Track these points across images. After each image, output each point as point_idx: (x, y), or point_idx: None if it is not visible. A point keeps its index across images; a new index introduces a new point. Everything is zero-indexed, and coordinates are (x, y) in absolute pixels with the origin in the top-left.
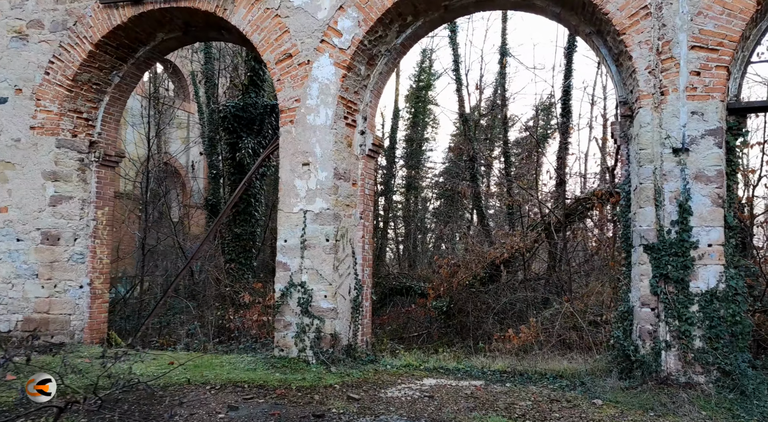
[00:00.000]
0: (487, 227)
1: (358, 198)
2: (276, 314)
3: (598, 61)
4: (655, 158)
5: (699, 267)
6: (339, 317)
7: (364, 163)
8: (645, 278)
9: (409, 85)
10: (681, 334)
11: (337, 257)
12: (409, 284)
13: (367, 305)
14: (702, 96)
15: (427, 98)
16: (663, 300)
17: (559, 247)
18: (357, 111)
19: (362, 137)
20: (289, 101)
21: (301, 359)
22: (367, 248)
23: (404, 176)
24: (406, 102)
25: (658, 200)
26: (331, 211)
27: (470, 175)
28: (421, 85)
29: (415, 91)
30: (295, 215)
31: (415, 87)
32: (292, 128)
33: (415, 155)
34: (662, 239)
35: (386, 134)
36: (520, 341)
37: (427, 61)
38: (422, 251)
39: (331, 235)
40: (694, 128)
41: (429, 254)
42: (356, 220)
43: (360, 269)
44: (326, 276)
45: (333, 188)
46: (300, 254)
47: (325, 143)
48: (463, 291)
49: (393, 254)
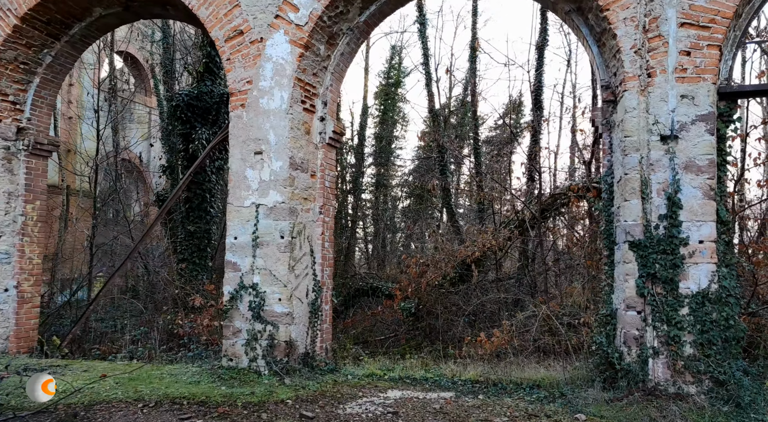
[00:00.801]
0: (456, 225)
1: (318, 191)
2: (224, 319)
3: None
4: (642, 147)
5: (689, 266)
6: (295, 322)
7: (324, 152)
8: (630, 278)
9: (378, 82)
10: (670, 340)
11: (293, 257)
12: (376, 284)
13: (327, 308)
14: (692, 78)
15: (397, 96)
16: (650, 302)
17: (533, 245)
18: (316, 95)
19: (322, 123)
20: (240, 83)
21: (251, 369)
22: (328, 246)
23: (373, 175)
24: (375, 99)
25: (644, 193)
26: (286, 205)
27: (440, 170)
28: (391, 82)
29: (385, 88)
30: (246, 210)
31: (384, 84)
32: (243, 112)
33: (385, 153)
34: (649, 235)
35: (355, 131)
36: (493, 346)
37: (397, 57)
38: (391, 250)
39: (287, 231)
40: (684, 113)
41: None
42: (315, 215)
43: (319, 270)
44: (281, 277)
45: (289, 179)
46: (251, 252)
47: (279, 129)
48: (432, 292)
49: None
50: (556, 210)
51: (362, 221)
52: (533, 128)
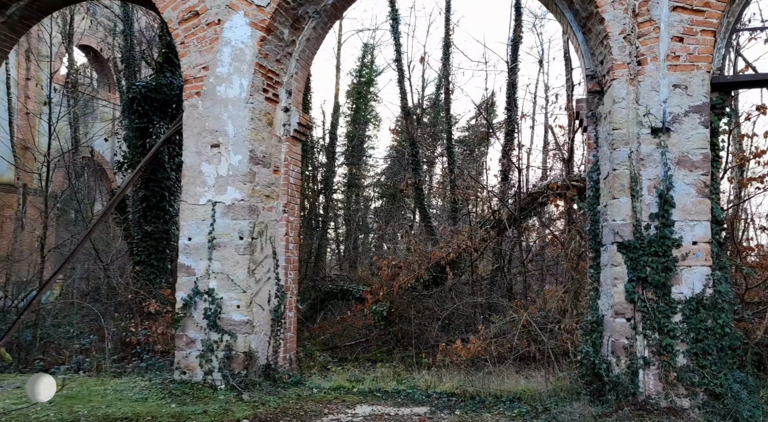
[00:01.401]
0: (430, 225)
1: (281, 188)
2: (177, 328)
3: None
4: (631, 140)
5: (683, 269)
6: (255, 331)
7: (288, 146)
8: (619, 282)
9: (350, 80)
10: (662, 349)
11: (253, 259)
12: (347, 287)
13: (291, 315)
14: (685, 66)
15: (369, 95)
16: (641, 309)
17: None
18: (279, 84)
19: (286, 114)
20: (195, 69)
21: (206, 384)
22: (293, 248)
23: (345, 174)
24: (347, 98)
25: (634, 190)
26: (246, 202)
27: (412, 167)
28: (363, 80)
29: (357, 87)
30: (201, 208)
31: (356, 82)
32: (199, 101)
33: (357, 153)
34: (639, 235)
35: (327, 130)
36: (469, 353)
37: (369, 55)
38: (364, 251)
39: (246, 232)
40: (677, 103)
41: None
42: (279, 214)
43: (283, 273)
44: (239, 282)
45: (249, 174)
46: (207, 255)
47: (239, 119)
48: (404, 295)
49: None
50: (534, 210)
51: (334, 221)
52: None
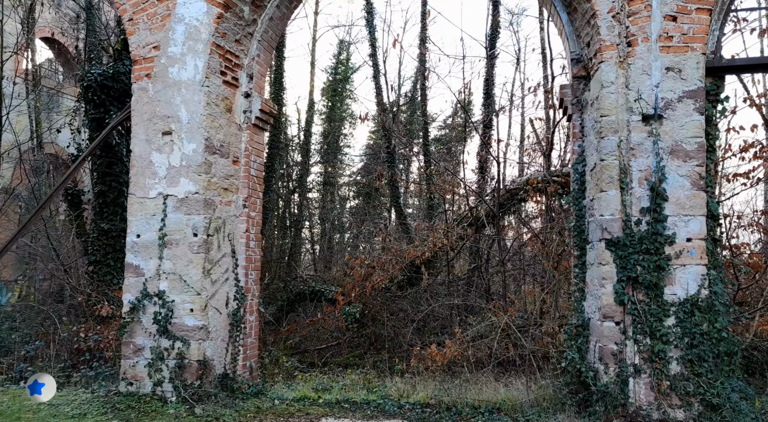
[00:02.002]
0: (405, 223)
1: (242, 180)
2: (124, 335)
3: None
4: (621, 128)
5: (676, 268)
6: (211, 337)
7: (249, 135)
8: (607, 282)
9: (325, 78)
10: (654, 355)
11: (209, 258)
12: (319, 288)
13: (252, 319)
14: (679, 47)
15: (345, 92)
16: (631, 312)
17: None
18: (239, 66)
19: (247, 100)
20: (145, 49)
21: (156, 396)
22: (254, 246)
23: (320, 173)
24: (322, 96)
25: (623, 182)
26: (201, 196)
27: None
28: (338, 77)
29: (332, 84)
30: (151, 202)
31: (331, 80)
32: (149, 84)
33: (332, 151)
34: (629, 231)
35: (301, 128)
36: (445, 358)
37: (345, 53)
38: (339, 251)
39: (201, 228)
40: (670, 88)
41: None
42: (238, 209)
43: (243, 274)
44: (193, 283)
45: (204, 165)
46: (158, 253)
47: (193, 104)
48: (378, 296)
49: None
50: (513, 206)
51: (309, 220)
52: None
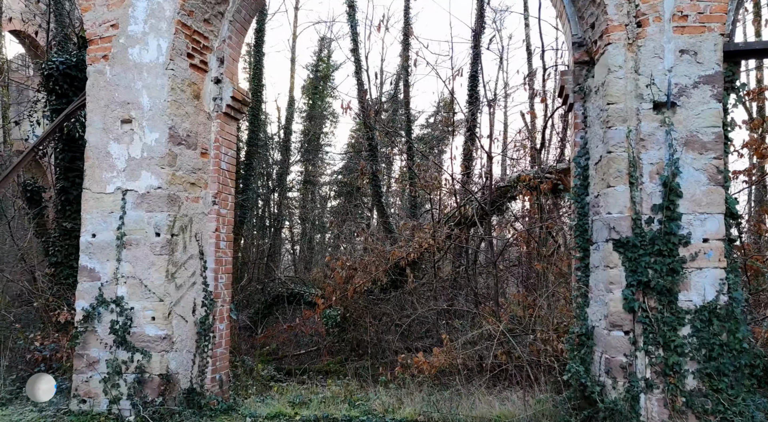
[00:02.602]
0: (388, 223)
1: (211, 174)
2: (77, 346)
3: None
4: (629, 117)
5: (692, 272)
6: (175, 348)
7: (219, 124)
8: (615, 287)
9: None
10: (668, 369)
11: (173, 261)
12: (298, 290)
13: (222, 328)
14: (695, 28)
15: (326, 90)
16: (642, 320)
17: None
18: (209, 49)
19: (217, 87)
20: (102, 27)
21: (111, 415)
22: (225, 247)
23: (301, 172)
24: (302, 93)
25: (633, 176)
26: (164, 191)
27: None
28: (319, 75)
29: (313, 82)
30: (108, 197)
31: (312, 77)
32: (106, 66)
33: (313, 150)
34: (640, 231)
35: (281, 126)
36: (433, 369)
37: (326, 50)
38: (320, 251)
39: (165, 227)
40: (684, 72)
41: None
42: (207, 206)
43: (212, 277)
44: (155, 288)
45: (168, 156)
46: (116, 255)
47: (156, 89)
48: (360, 299)
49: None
50: (502, 205)
51: (288, 220)
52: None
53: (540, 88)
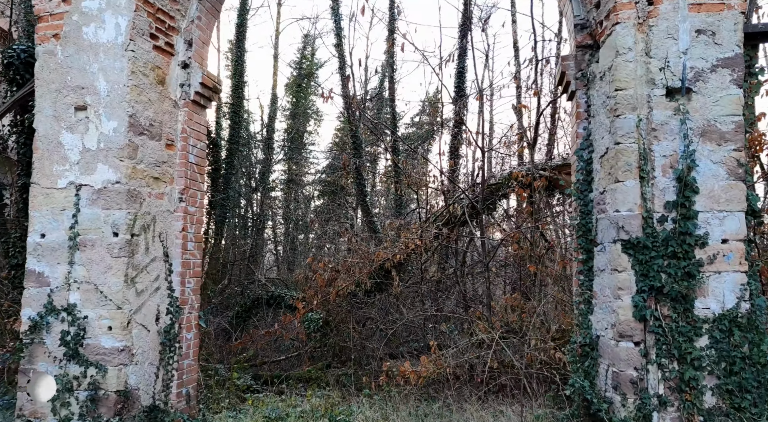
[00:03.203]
0: (372, 222)
1: (177, 168)
2: (22, 360)
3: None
4: (640, 104)
5: (709, 276)
6: (135, 361)
7: (187, 113)
8: (625, 293)
9: (290, 73)
10: (683, 384)
11: (133, 263)
12: (279, 293)
13: (190, 337)
14: (713, 5)
15: (310, 88)
16: (654, 330)
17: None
18: (175, 30)
19: (185, 72)
20: (53, 2)
21: None
22: (194, 248)
23: (284, 171)
24: (286, 91)
25: (644, 170)
26: (123, 186)
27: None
28: (303, 72)
29: (296, 79)
30: (60, 193)
31: (296, 75)
32: (57, 47)
33: (296, 148)
34: (651, 231)
35: (264, 124)
36: (420, 379)
37: (310, 47)
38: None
39: (124, 226)
40: (701, 55)
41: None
42: (173, 203)
43: (178, 282)
44: (113, 295)
45: (128, 147)
46: (68, 257)
47: (114, 73)
48: (343, 303)
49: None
50: (493, 204)
51: (271, 220)
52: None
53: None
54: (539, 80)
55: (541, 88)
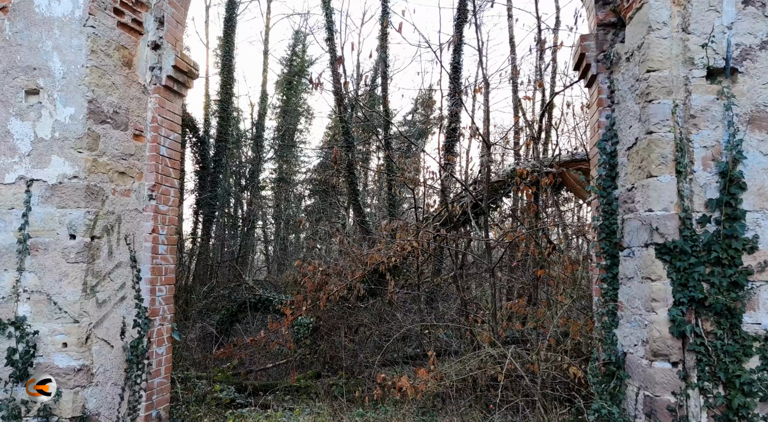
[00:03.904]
0: (365, 222)
1: (147, 162)
2: None
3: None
4: (676, 88)
5: (760, 286)
6: (96, 381)
7: (158, 100)
8: (659, 305)
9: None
10: (732, 413)
11: (94, 270)
12: (267, 296)
13: (162, 351)
14: None
15: (301, 86)
16: (696, 348)
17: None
18: (144, 5)
19: (155, 53)
20: None
21: None
22: (166, 252)
23: (275, 170)
24: (276, 89)
25: (681, 164)
26: (82, 181)
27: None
28: (294, 70)
29: (287, 77)
30: (8, 189)
31: (287, 72)
32: (5, 21)
33: (287, 147)
34: (691, 234)
35: (254, 121)
36: (417, 393)
37: (301, 44)
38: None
39: (82, 227)
40: (748, 30)
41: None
42: (142, 201)
43: (148, 290)
44: (68, 306)
45: (88, 137)
46: (16, 263)
47: (71, 52)
48: (334, 308)
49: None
50: (495, 203)
51: (262, 220)
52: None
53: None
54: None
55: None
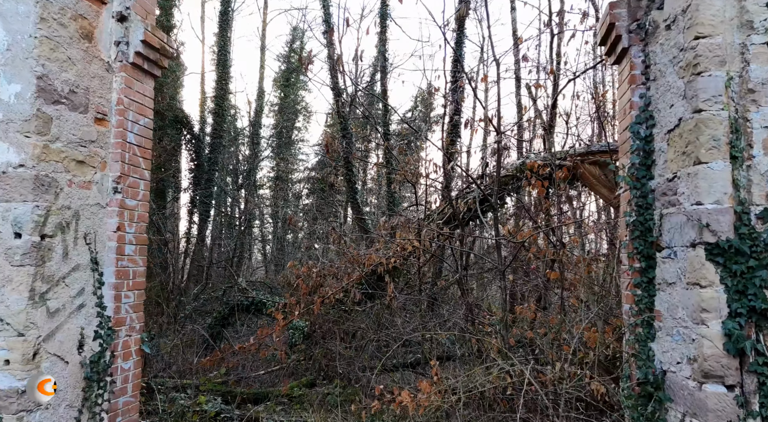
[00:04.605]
0: (363, 221)
1: (112, 150)
2: None
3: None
4: (730, 58)
5: None
6: (46, 406)
7: (125, 79)
8: (711, 317)
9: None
10: None
11: (44, 274)
12: (260, 298)
13: (129, 366)
14: None
15: (299, 83)
16: (757, 368)
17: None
18: None
19: (122, 26)
20: None
21: None
22: (134, 253)
23: (272, 168)
24: (273, 86)
25: (736, 148)
26: (30, 171)
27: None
28: (292, 66)
29: (285, 73)
30: None
31: (284, 69)
32: None
33: (284, 145)
34: (749, 231)
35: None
36: (419, 407)
37: (299, 41)
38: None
39: (30, 224)
40: None
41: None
42: (105, 194)
43: (111, 297)
44: (12, 317)
45: (37, 119)
46: None
47: (16, 19)
48: (330, 312)
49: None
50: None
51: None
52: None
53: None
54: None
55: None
